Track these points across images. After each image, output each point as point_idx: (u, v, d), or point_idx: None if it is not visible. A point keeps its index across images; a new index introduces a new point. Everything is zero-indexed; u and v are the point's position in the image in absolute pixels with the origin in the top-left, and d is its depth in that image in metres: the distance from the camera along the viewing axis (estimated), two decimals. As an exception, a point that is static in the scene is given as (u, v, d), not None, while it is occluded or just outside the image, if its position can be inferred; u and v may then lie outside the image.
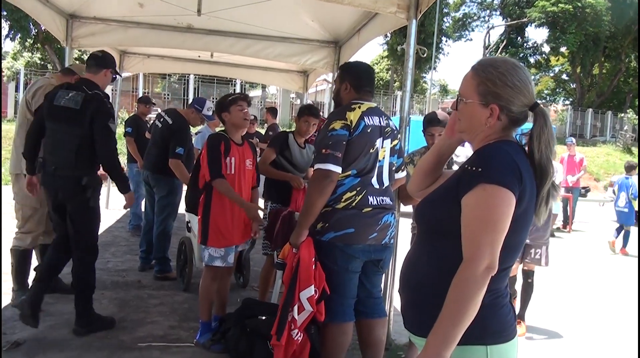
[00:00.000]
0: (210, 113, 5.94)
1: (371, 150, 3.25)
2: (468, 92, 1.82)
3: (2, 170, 13.47)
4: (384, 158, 3.35)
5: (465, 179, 1.71)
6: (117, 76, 4.63)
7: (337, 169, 3.13)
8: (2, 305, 4.65)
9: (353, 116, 3.24)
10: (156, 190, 6.03)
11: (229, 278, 4.38)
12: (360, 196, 3.23)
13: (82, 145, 4.02)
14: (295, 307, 3.20)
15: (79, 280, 4.24)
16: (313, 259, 3.19)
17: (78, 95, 4.06)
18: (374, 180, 3.29)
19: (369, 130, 3.24)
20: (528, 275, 5.20)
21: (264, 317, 4.00)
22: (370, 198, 3.25)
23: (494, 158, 1.71)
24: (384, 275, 3.82)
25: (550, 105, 36.91)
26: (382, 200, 3.32)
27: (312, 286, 3.15)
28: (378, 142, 3.30)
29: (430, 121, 4.01)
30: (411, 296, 1.87)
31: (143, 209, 7.14)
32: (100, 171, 4.26)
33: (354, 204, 3.22)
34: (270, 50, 7.27)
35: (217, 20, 6.35)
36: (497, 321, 1.75)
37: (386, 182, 3.37)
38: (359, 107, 3.30)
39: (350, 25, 6.24)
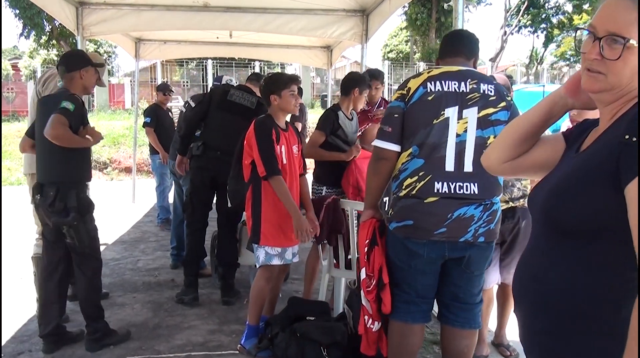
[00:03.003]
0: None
1: (435, 121, 2.70)
2: (629, 29, 1.25)
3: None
4: (465, 131, 2.71)
5: (630, 155, 1.18)
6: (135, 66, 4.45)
7: (384, 145, 2.80)
8: (26, 318, 4.38)
9: (413, 83, 2.77)
10: (182, 181, 5.73)
11: (283, 276, 4.05)
12: (423, 182, 2.71)
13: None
14: (362, 293, 2.95)
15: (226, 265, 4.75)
16: (367, 241, 2.92)
17: (252, 97, 4.71)
18: (448, 161, 2.70)
19: (430, 98, 2.72)
20: None
21: (312, 318, 3.64)
22: (438, 185, 2.69)
23: None
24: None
25: (575, 66, 35.95)
26: (460, 188, 2.70)
27: (364, 269, 2.94)
28: (449, 111, 2.70)
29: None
30: (540, 319, 1.37)
31: (171, 202, 6.80)
32: None
33: (414, 192, 2.73)
34: (293, 24, 6.77)
35: (234, -5, 5.93)
36: None
37: (469, 164, 2.71)
38: (429, 72, 2.81)
39: (379, -11, 5.74)
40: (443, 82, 2.74)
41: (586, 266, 1.26)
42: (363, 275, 2.95)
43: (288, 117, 4.00)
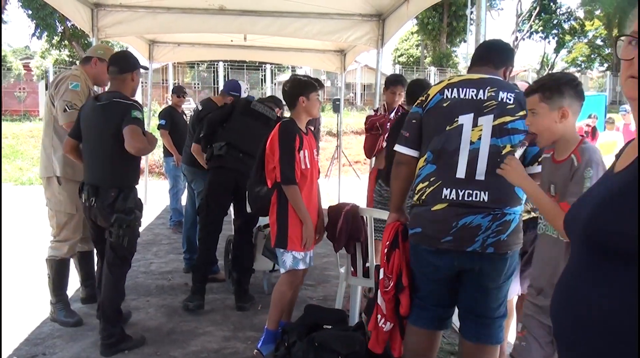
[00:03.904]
0: (246, 94, 5.49)
1: (448, 128, 2.67)
2: None
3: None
4: (479, 139, 2.65)
5: None
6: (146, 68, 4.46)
7: (402, 149, 2.87)
8: (40, 320, 4.35)
9: (433, 90, 2.78)
10: (194, 184, 5.72)
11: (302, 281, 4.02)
12: (432, 188, 2.69)
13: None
14: (379, 292, 2.97)
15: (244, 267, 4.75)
16: (387, 243, 2.95)
17: (272, 111, 4.87)
18: (460, 168, 2.65)
19: (445, 104, 2.71)
20: None
21: (329, 326, 3.59)
22: (446, 191, 2.65)
23: None
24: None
25: (586, 72, 35.80)
26: (469, 195, 2.63)
27: (382, 269, 2.96)
28: (464, 118, 2.66)
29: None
30: (584, 343, 1.32)
31: (184, 204, 6.79)
32: None
33: (423, 197, 2.73)
34: (308, 28, 6.75)
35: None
36: None
37: (482, 172, 2.63)
38: (449, 79, 2.80)
39: (397, -7, 5.70)
40: (461, 89, 2.71)
41: (632, 288, 1.21)
42: (381, 275, 2.97)
43: None
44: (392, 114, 4.89)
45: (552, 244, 2.44)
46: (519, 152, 2.51)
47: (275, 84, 25.34)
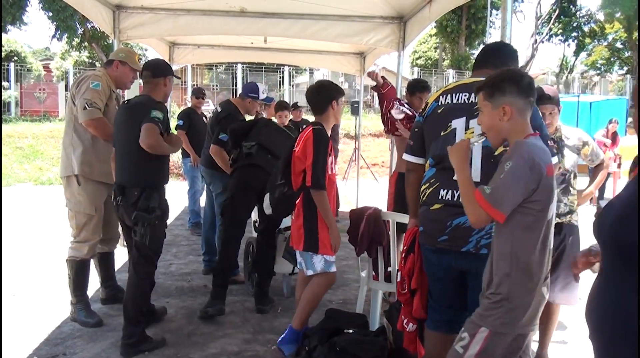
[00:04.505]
0: (265, 96, 5.49)
1: (443, 133, 2.77)
2: None
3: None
4: None
5: None
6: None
7: (407, 157, 3.03)
8: (60, 320, 4.37)
9: (431, 98, 2.89)
10: (212, 187, 5.71)
11: None
12: (431, 189, 2.77)
13: None
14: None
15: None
16: (405, 247, 3.03)
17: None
18: None
19: (439, 111, 2.83)
20: None
21: (350, 331, 3.56)
22: (443, 192, 2.72)
23: None
24: None
25: (605, 76, 35.46)
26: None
27: (399, 272, 3.04)
28: (457, 122, 2.75)
29: (540, 98, 3.41)
30: (623, 346, 1.32)
31: (202, 206, 6.80)
32: None
33: (424, 198, 2.83)
34: (329, 30, 6.75)
35: (271, 1, 5.91)
36: None
37: (476, 173, 2.64)
38: (446, 87, 2.91)
39: (419, -4, 5.66)
40: (454, 94, 2.81)
41: None
42: (399, 278, 3.05)
43: None
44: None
45: None
46: (478, 143, 2.49)
47: (293, 86, 25.38)
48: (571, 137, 3.58)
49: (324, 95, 3.73)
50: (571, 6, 37.74)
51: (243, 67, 22.92)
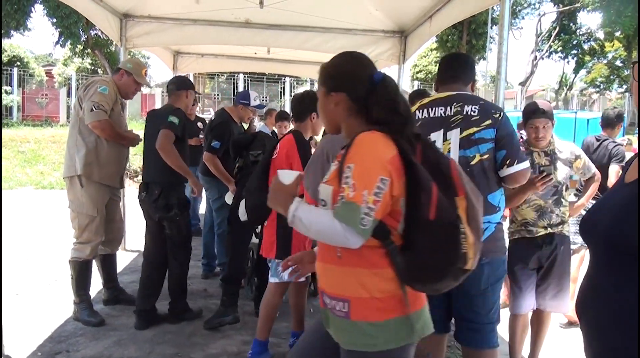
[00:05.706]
0: (257, 102, 5.62)
1: None
2: None
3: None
4: (449, 152, 2.86)
5: None
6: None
7: None
8: (64, 319, 4.47)
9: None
10: (209, 193, 5.84)
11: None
12: None
13: None
14: None
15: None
16: None
17: None
18: None
19: (418, 124, 2.93)
20: None
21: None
22: None
23: None
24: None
25: (605, 93, 35.66)
26: None
27: None
28: (435, 135, 2.90)
29: (534, 112, 3.56)
30: (612, 336, 1.43)
31: (201, 213, 6.90)
32: None
33: None
34: (332, 43, 6.87)
35: (276, 13, 6.03)
36: None
37: None
38: (421, 102, 3.04)
39: (420, 12, 5.80)
40: (431, 109, 2.96)
41: None
42: None
43: None
44: None
45: None
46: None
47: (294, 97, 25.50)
48: (564, 151, 3.70)
49: (306, 104, 3.79)
50: (571, 24, 38.01)
51: (245, 77, 23.06)
